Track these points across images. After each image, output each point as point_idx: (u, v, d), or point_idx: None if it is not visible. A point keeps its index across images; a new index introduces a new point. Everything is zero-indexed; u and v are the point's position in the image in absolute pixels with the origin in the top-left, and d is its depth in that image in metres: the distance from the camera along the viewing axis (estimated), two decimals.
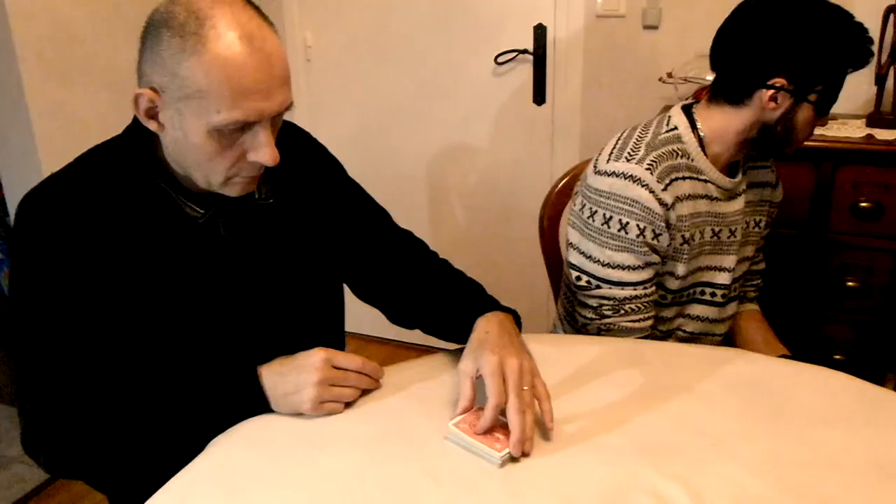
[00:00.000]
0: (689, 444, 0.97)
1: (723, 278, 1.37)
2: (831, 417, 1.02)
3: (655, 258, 1.27)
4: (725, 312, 1.41)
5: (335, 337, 1.24)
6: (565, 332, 1.43)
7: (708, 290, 1.38)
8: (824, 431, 0.99)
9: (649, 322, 1.31)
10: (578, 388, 1.09)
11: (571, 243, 1.33)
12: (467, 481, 0.91)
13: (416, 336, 2.34)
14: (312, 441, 0.98)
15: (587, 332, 1.33)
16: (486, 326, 1.07)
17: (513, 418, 0.95)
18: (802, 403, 1.05)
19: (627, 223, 1.24)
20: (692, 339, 1.41)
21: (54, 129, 2.16)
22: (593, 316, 1.31)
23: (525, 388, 0.98)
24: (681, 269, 1.31)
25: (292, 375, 1.01)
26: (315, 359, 1.01)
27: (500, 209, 2.56)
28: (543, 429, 0.99)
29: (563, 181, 1.65)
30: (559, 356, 1.17)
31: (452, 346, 1.18)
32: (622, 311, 1.28)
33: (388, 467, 0.94)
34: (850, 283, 1.80)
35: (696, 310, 1.39)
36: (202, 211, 1.04)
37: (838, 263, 1.80)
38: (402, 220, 1.30)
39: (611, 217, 1.25)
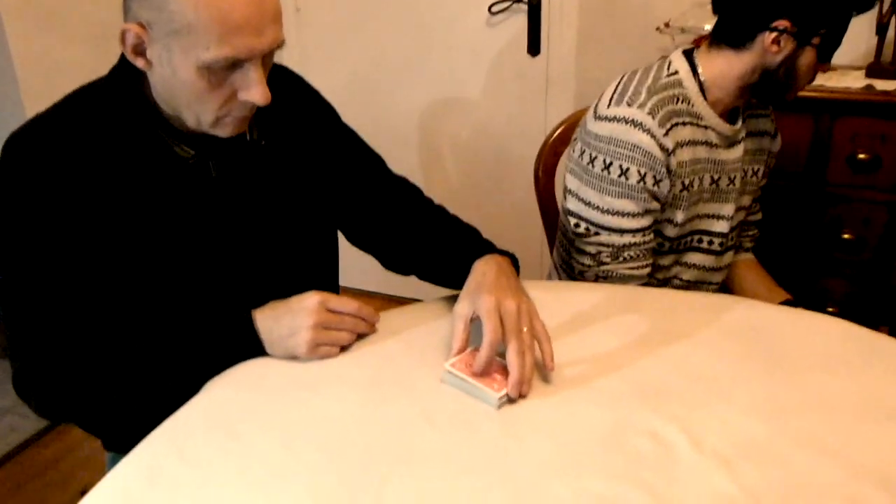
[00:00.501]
0: (688, 388, 0.96)
1: (721, 226, 1.36)
2: (830, 363, 1.02)
3: (655, 205, 1.26)
4: (722, 261, 1.41)
5: (329, 282, 1.23)
6: (561, 281, 1.42)
7: (706, 238, 1.37)
8: (823, 376, 0.99)
9: (647, 270, 1.30)
10: (576, 334, 1.08)
11: (570, 190, 1.31)
12: (464, 423, 0.90)
13: (410, 289, 2.33)
14: (307, 384, 0.97)
15: (584, 280, 1.32)
16: (484, 269, 1.06)
17: (512, 359, 0.94)
18: (801, 349, 1.05)
19: (628, 169, 1.22)
20: (689, 287, 1.41)
21: (38, 77, 2.11)
22: (591, 263, 1.30)
23: (524, 329, 0.97)
24: (679, 216, 1.30)
25: (287, 318, 0.99)
26: (310, 302, 0.99)
27: (493, 161, 2.53)
28: (542, 371, 0.99)
29: (559, 131, 1.63)
30: (556, 303, 1.16)
31: (448, 293, 1.17)
32: (621, 258, 1.27)
33: (384, 410, 0.93)
34: (845, 236, 1.79)
35: (694, 258, 1.39)
36: (192, 152, 1.01)
37: (834, 216, 1.80)
38: (393, 165, 1.28)
39: (611, 163, 1.23)
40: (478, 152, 2.55)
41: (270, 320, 1.00)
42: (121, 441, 1.09)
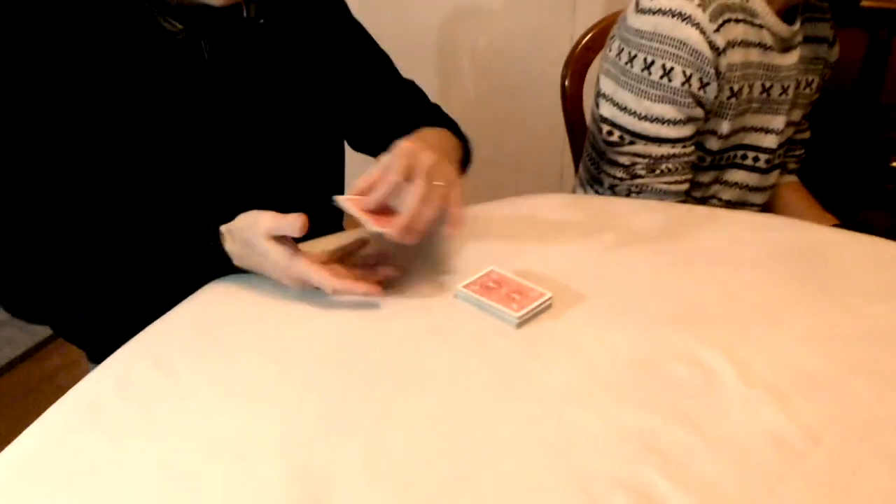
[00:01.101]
0: (733, 312, 0.85)
1: (769, 141, 1.23)
2: (886, 291, 0.90)
3: (699, 112, 1.12)
4: (767, 180, 1.28)
5: (334, 185, 1.11)
6: (589, 195, 1.30)
7: (751, 153, 1.24)
8: (878, 305, 0.87)
9: (685, 186, 1.18)
10: (606, 251, 0.97)
11: (604, 94, 1.17)
12: (479, 342, 0.80)
13: None
14: (306, 295, 0.86)
15: (615, 195, 1.20)
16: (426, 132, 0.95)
17: (410, 201, 0.80)
18: (854, 274, 0.93)
19: (672, 69, 1.08)
20: (728, 207, 1.28)
21: None
22: (624, 175, 1.17)
23: (440, 182, 0.84)
24: (724, 127, 1.16)
25: (256, 259, 0.85)
26: (280, 262, 0.83)
27: (516, 73, 2.37)
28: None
29: (590, 35, 1.48)
30: (584, 217, 1.04)
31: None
32: (657, 171, 1.15)
33: (390, 324, 0.82)
34: (894, 164, 1.65)
35: (736, 176, 1.26)
36: (180, 26, 0.89)
37: (885, 140, 1.65)
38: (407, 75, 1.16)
39: (652, 62, 1.09)
40: (499, 64, 2.38)
41: (239, 249, 0.86)
42: (101, 351, 1.00)
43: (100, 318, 0.91)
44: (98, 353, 1.03)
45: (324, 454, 0.66)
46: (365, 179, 0.84)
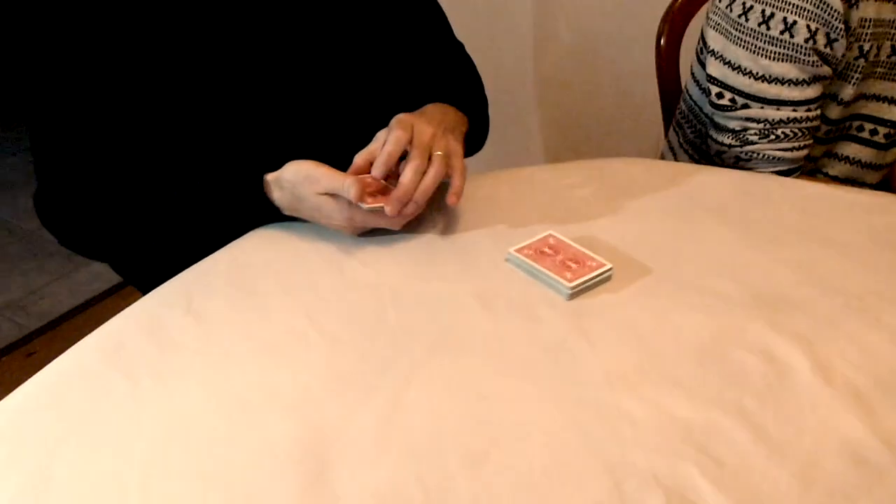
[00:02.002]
0: (820, 301, 0.75)
1: (893, 113, 1.08)
2: None
3: (826, 70, 0.99)
4: (884, 157, 1.13)
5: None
6: (675, 161, 1.20)
7: (868, 125, 1.10)
8: None
9: (804, 153, 1.04)
10: (680, 222, 0.87)
11: (713, 51, 1.06)
12: (526, 310, 0.73)
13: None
14: (346, 246, 0.82)
15: (721, 162, 1.08)
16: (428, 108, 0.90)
17: (405, 172, 0.78)
18: None
19: (794, 23, 0.96)
20: (836, 185, 1.15)
21: None
22: (732, 142, 1.05)
23: (437, 153, 0.80)
24: (848, 91, 1.03)
25: (308, 213, 0.82)
26: (337, 221, 0.81)
27: (610, 26, 2.23)
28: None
29: None
30: (661, 185, 0.94)
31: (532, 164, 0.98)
32: (772, 137, 1.02)
33: (430, 284, 0.77)
34: None
35: (849, 149, 1.12)
36: None
37: None
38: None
39: (772, 15, 0.97)
40: (594, 19, 2.25)
41: (291, 208, 0.83)
42: (145, 281, 1.00)
43: (146, 252, 0.90)
44: (149, 289, 1.04)
45: (337, 416, 0.62)
46: (362, 156, 0.81)
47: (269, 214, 0.84)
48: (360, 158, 0.81)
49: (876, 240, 0.84)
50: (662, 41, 1.35)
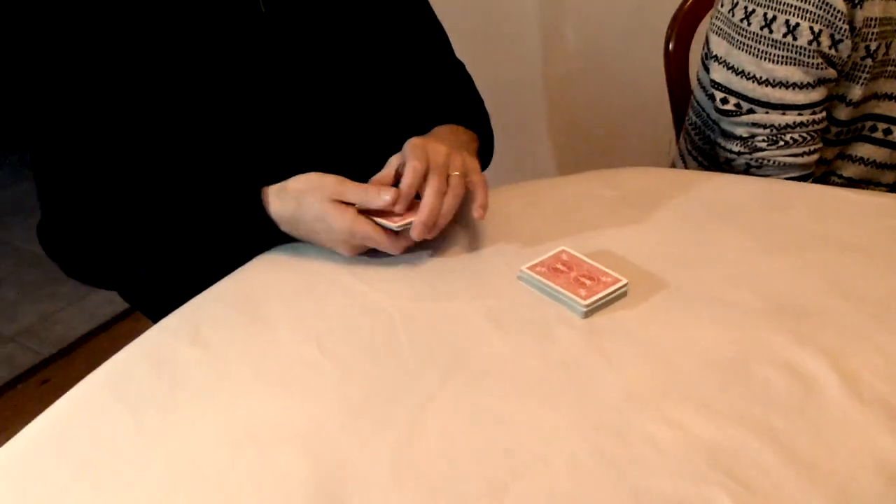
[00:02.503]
0: (845, 311, 0.72)
1: None
2: None
3: (830, 73, 0.97)
4: None
5: (389, 147, 1.03)
6: (688, 169, 1.17)
7: (881, 125, 1.07)
8: None
9: (814, 157, 1.02)
10: (697, 232, 0.85)
11: (716, 56, 1.04)
12: (540, 330, 0.71)
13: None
14: (354, 269, 0.80)
15: (731, 170, 1.07)
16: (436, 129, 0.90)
17: (427, 195, 0.77)
18: None
19: (797, 25, 0.94)
20: (850, 187, 1.12)
21: None
22: (742, 149, 1.03)
23: (454, 173, 0.79)
24: (857, 92, 1.01)
25: (310, 234, 0.81)
26: (338, 227, 0.78)
27: (619, 33, 2.21)
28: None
29: None
30: (675, 194, 0.92)
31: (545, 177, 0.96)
32: (780, 143, 1.00)
33: (441, 305, 0.75)
34: None
35: (863, 150, 1.09)
36: None
37: None
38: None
39: (774, 18, 0.95)
40: (603, 22, 2.23)
41: (289, 220, 0.81)
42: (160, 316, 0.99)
43: (152, 280, 0.88)
44: (158, 318, 1.02)
45: (351, 450, 0.60)
46: (376, 182, 0.80)
47: (263, 228, 0.81)
48: (373, 184, 0.80)
49: None
50: (671, 46, 1.34)
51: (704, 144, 1.16)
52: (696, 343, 0.69)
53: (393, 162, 0.81)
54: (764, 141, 1.02)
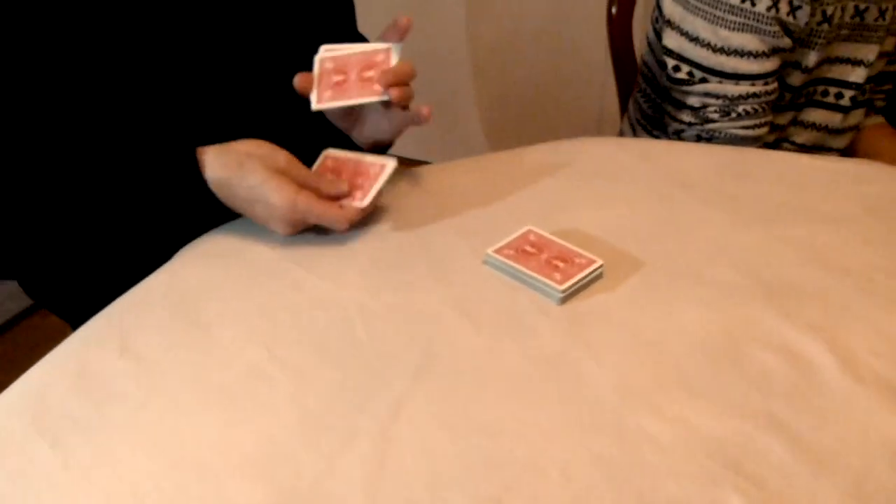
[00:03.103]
0: (828, 285, 0.69)
1: (857, 75, 1.04)
2: None
3: (786, 42, 0.94)
4: (849, 121, 1.09)
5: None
6: (646, 139, 1.13)
7: (833, 89, 1.05)
8: None
9: (765, 130, 1.00)
10: (664, 206, 0.80)
11: (669, 21, 0.99)
12: (513, 321, 0.65)
13: (421, 150, 2.00)
14: (300, 259, 0.72)
15: (681, 141, 1.03)
16: None
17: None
18: None
19: None
20: (802, 152, 1.10)
21: None
22: (692, 120, 0.99)
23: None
24: (811, 58, 0.98)
25: (246, 204, 0.72)
26: (278, 202, 0.70)
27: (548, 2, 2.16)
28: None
29: None
30: (635, 164, 0.87)
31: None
32: (733, 114, 0.97)
33: (402, 296, 0.68)
34: None
35: (814, 115, 1.07)
36: None
37: None
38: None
39: None
40: None
41: (225, 185, 0.71)
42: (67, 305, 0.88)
43: (65, 265, 0.77)
44: (70, 316, 0.91)
45: (314, 471, 0.52)
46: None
47: (196, 190, 0.71)
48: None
49: (871, 212, 0.79)
50: (614, 9, 1.28)
51: (654, 113, 1.12)
52: (682, 326, 0.64)
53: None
54: (716, 112, 0.98)
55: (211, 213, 0.74)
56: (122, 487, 0.51)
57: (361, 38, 0.97)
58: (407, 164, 0.85)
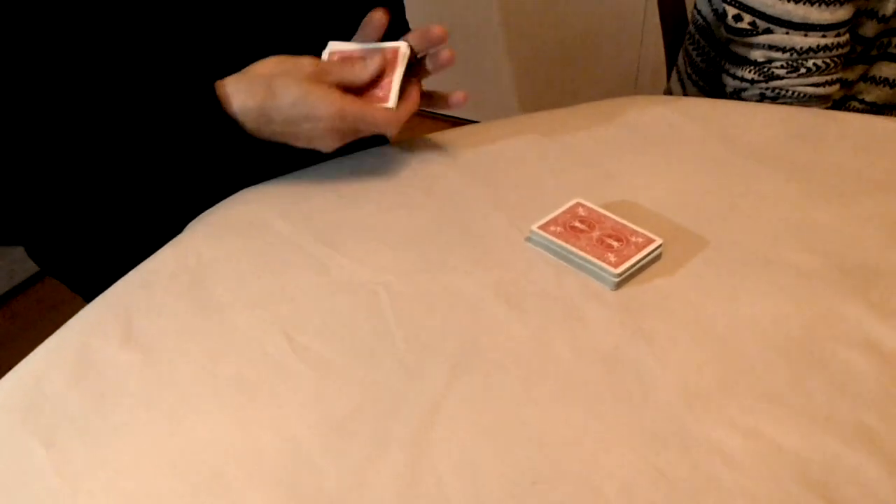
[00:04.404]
0: None
1: None
2: None
3: None
4: None
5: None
6: (697, 97, 1.04)
7: None
8: None
9: (835, 88, 0.90)
10: (724, 173, 0.72)
11: None
12: (562, 307, 0.58)
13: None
14: (328, 238, 0.65)
15: (741, 101, 0.93)
16: None
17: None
18: None
19: None
20: (872, 112, 1.01)
21: None
22: (755, 77, 0.90)
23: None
24: (891, 5, 0.88)
25: (287, 127, 0.65)
26: (324, 112, 0.64)
27: None
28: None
29: None
30: (692, 127, 0.79)
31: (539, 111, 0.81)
32: (801, 70, 0.87)
33: (438, 280, 0.61)
34: None
35: (887, 70, 0.97)
36: None
37: None
38: None
39: None
40: None
41: (259, 114, 0.64)
42: (88, 288, 0.82)
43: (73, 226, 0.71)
44: (87, 290, 0.86)
45: (340, 480, 0.46)
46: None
47: (224, 128, 0.64)
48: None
49: None
50: None
51: (708, 67, 1.02)
52: (753, 319, 0.56)
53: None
54: (783, 68, 0.89)
55: (233, 166, 0.67)
56: (121, 497, 0.45)
57: (406, 27, 0.90)
58: (435, 122, 0.77)
